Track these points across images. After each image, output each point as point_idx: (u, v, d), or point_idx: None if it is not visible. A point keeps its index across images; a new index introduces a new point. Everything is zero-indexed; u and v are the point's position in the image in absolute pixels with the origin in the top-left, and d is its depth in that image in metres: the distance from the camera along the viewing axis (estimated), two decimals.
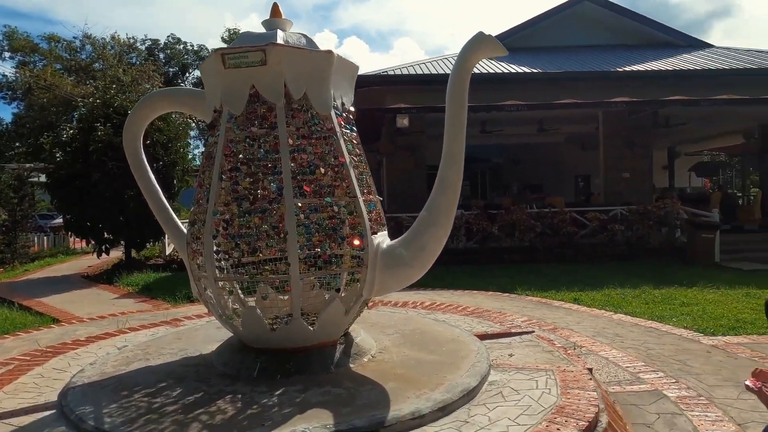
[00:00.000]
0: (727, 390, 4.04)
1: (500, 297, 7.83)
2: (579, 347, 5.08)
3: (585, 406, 3.27)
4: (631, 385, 4.22)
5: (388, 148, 14.40)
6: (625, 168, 14.24)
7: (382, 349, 4.34)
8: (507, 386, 3.68)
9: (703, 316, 6.48)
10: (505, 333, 5.20)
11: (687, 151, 22.93)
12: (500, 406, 3.35)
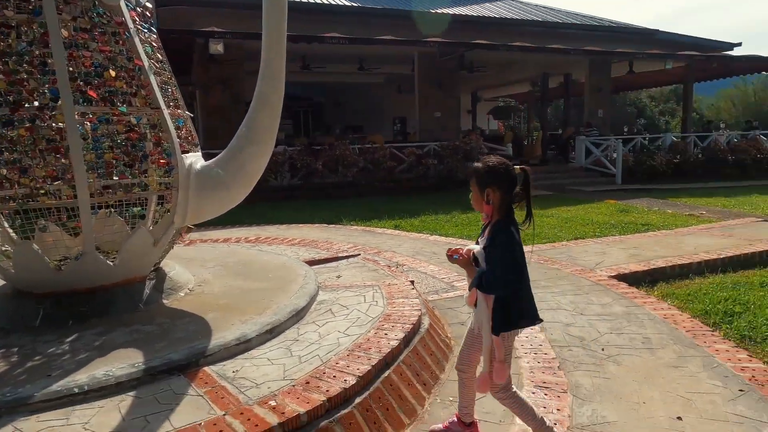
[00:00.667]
0: None
1: (327, 228, 7.85)
2: (401, 265, 5.34)
3: (409, 312, 3.41)
4: (447, 293, 4.58)
5: (201, 79, 13.06)
6: (436, 108, 15.24)
7: (201, 282, 3.96)
8: (336, 303, 3.66)
9: None
10: (333, 258, 5.20)
11: (486, 96, 25.63)
12: (330, 322, 3.31)
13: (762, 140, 16.07)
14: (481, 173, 2.18)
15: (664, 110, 51.30)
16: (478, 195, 2.21)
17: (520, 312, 2.20)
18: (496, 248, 2.12)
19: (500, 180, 2.15)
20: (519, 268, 2.13)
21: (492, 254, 2.14)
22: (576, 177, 14.34)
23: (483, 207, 2.20)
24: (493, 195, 2.16)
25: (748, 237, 6.47)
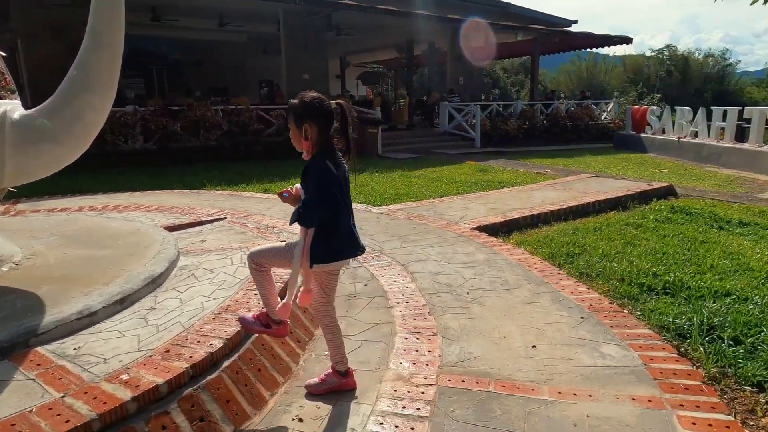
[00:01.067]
0: (394, 243, 4.74)
1: (188, 194, 7.26)
2: (272, 227, 5.12)
3: (280, 270, 3.26)
4: None
5: (23, 25, 11.07)
6: (304, 70, 14.78)
7: (31, 255, 3.39)
8: (200, 267, 3.38)
9: (372, 193, 7.47)
10: (196, 222, 4.82)
11: (355, 62, 25.55)
12: (194, 287, 3.05)
13: (593, 108, 18.29)
14: (298, 109, 2.15)
15: (515, 81, 55.88)
16: (296, 131, 2.18)
17: (338, 246, 2.20)
18: (310, 182, 2.12)
19: (316, 115, 2.13)
20: (333, 201, 2.12)
21: (307, 188, 2.14)
22: (440, 140, 15.04)
23: (301, 142, 2.17)
24: (311, 130, 2.13)
25: (583, 190, 7.33)
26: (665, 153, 13.23)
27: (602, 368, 2.54)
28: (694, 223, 5.77)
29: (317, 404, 2.28)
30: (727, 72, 49.62)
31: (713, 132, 12.10)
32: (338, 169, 2.17)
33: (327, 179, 2.11)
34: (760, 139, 10.80)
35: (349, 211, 2.26)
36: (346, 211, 2.22)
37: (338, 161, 2.21)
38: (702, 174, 10.21)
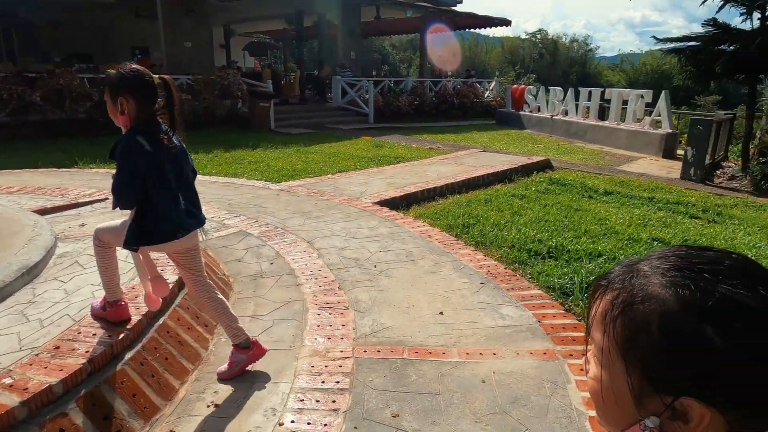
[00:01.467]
0: (296, 219, 4.66)
1: (57, 173, 6.47)
2: None
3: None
4: (218, 232, 4.29)
5: None
6: (186, 38, 13.72)
7: None
8: (84, 254, 3.06)
9: (269, 169, 7.24)
10: (71, 204, 4.33)
11: (241, 31, 24.20)
12: (79, 276, 2.76)
13: (477, 87, 19.27)
14: (113, 81, 2.01)
15: (403, 58, 56.99)
16: (111, 105, 2.03)
17: (154, 227, 2.08)
18: (117, 161, 2.01)
19: (135, 89, 2.00)
20: (135, 180, 1.99)
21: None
22: (334, 116, 14.92)
23: (118, 118, 2.03)
24: (128, 104, 1.99)
25: (473, 164, 7.76)
26: (541, 129, 14.40)
27: (503, 328, 2.75)
28: (569, 193, 6.40)
29: (232, 387, 2.21)
30: (589, 56, 54.97)
31: (580, 111, 13.38)
32: (157, 147, 2.02)
33: (131, 158, 1.98)
34: (617, 118, 12.17)
35: (178, 189, 2.12)
36: (168, 191, 2.08)
37: (160, 138, 2.04)
38: (572, 149, 11.29)
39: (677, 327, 0.48)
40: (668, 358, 0.49)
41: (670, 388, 0.49)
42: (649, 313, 0.50)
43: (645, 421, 0.51)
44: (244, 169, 7.30)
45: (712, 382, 0.47)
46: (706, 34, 7.71)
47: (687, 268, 0.51)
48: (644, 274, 0.53)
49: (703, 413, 0.48)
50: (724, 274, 0.49)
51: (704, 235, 4.91)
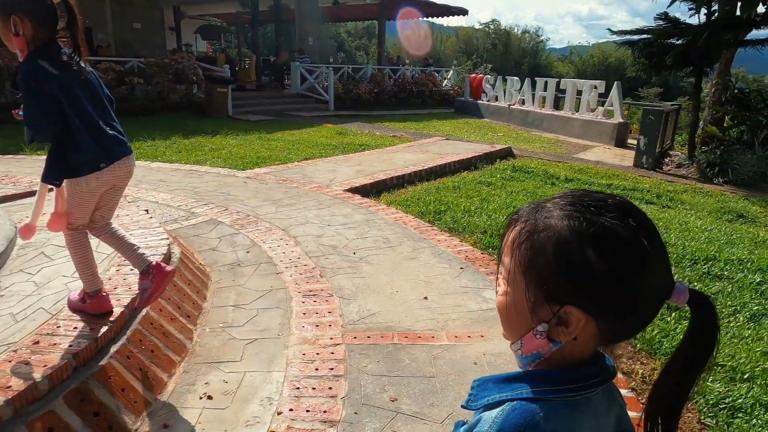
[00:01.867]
0: (268, 207, 4.56)
1: (2, 159, 6.05)
2: (124, 196, 4.54)
3: (155, 243, 2.95)
4: (187, 220, 4.14)
5: None
6: (135, 18, 13.08)
7: None
8: (50, 244, 2.89)
9: (232, 157, 7.04)
10: (27, 193, 4.07)
11: (191, 13, 23.24)
12: (48, 267, 2.60)
13: (435, 76, 19.40)
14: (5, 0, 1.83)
15: (359, 46, 56.54)
16: (2, 25, 1.85)
17: (76, 160, 1.93)
18: (21, 90, 1.84)
19: (29, 7, 1.83)
20: (48, 105, 1.84)
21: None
22: (293, 103, 14.64)
23: (11, 40, 1.85)
24: (22, 25, 1.83)
25: (438, 152, 7.83)
26: (498, 118, 14.68)
27: (486, 311, 2.81)
28: (532, 180, 6.57)
29: (224, 379, 2.15)
30: (540, 48, 56.35)
31: (536, 100, 13.73)
32: (64, 71, 1.87)
33: (37, 83, 1.82)
34: (572, 108, 12.57)
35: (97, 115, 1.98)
36: (86, 116, 1.92)
37: (64, 62, 1.88)
38: (530, 137, 11.58)
39: (566, 249, 0.61)
40: (557, 275, 0.62)
41: (557, 299, 0.62)
42: (546, 240, 0.62)
43: (537, 328, 0.64)
44: (206, 156, 7.07)
45: (588, 293, 0.61)
46: (657, 28, 8.05)
47: (579, 203, 0.63)
48: (547, 209, 0.65)
49: (580, 318, 0.62)
50: (606, 209, 0.62)
51: (661, 219, 5.16)
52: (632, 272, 0.60)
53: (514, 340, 0.68)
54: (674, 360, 0.65)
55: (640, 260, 0.60)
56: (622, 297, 0.60)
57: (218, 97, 11.24)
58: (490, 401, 0.64)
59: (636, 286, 0.60)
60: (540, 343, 0.64)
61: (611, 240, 0.60)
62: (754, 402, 2.28)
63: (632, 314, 0.62)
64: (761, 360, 2.60)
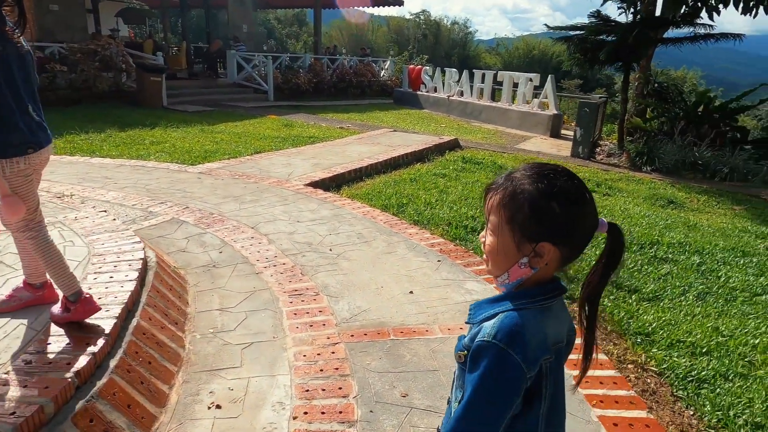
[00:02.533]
0: (230, 204, 4.42)
1: None
2: (70, 195, 4.23)
3: (130, 246, 2.81)
4: (147, 220, 3.93)
5: None
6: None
7: None
8: (7, 252, 2.67)
9: (177, 151, 6.71)
10: None
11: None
12: (13, 278, 2.40)
13: (373, 66, 19.40)
14: None
15: (290, 33, 55.28)
16: None
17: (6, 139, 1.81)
18: None
19: None
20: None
21: None
22: (230, 93, 14.11)
23: None
24: None
25: (389, 144, 7.89)
26: (438, 109, 14.97)
27: (472, 302, 2.90)
28: (483, 171, 6.79)
29: (228, 386, 2.09)
30: (468, 39, 57.73)
31: (475, 92, 14.12)
32: (4, 44, 1.76)
33: None
34: (509, 99, 13.06)
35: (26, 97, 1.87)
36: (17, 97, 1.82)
37: (6, 34, 1.78)
38: (471, 128, 11.92)
39: (537, 204, 0.88)
40: (533, 222, 0.89)
41: (534, 239, 0.89)
42: (523, 199, 0.89)
43: (521, 260, 0.91)
44: (148, 150, 6.70)
45: (554, 231, 0.88)
46: (590, 25, 8.53)
47: (540, 173, 0.90)
48: (518, 179, 0.91)
49: (550, 249, 0.89)
50: (559, 174, 0.90)
51: (605, 207, 5.52)
52: (580, 214, 0.89)
53: (500, 273, 0.95)
54: (597, 264, 0.95)
55: (583, 206, 0.89)
56: (574, 231, 0.89)
57: (152, 87, 10.62)
58: (487, 315, 0.92)
59: (582, 222, 0.90)
60: (524, 271, 0.92)
61: (566, 195, 0.88)
62: (715, 373, 2.54)
63: (580, 241, 0.91)
64: (713, 335, 2.89)
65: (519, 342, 0.86)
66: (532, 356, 0.87)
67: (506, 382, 0.86)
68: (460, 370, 0.97)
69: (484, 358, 0.87)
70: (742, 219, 5.74)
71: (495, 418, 0.88)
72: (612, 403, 2.09)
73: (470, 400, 0.88)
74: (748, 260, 4.11)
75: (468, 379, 0.89)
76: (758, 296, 3.47)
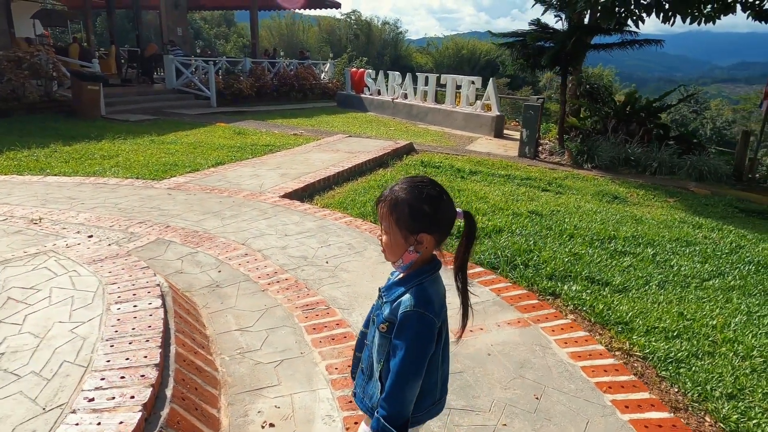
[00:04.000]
0: (212, 221, 4.38)
1: None
2: (40, 219, 4.03)
3: (142, 274, 2.81)
4: (131, 242, 3.83)
5: None
6: None
7: None
8: (11, 288, 2.57)
9: (133, 165, 6.49)
10: None
11: None
12: (32, 314, 2.36)
13: (314, 69, 19.34)
14: None
15: (218, 34, 53.59)
16: None
17: None
18: None
19: None
20: None
21: None
22: (170, 100, 13.61)
23: None
24: None
25: (348, 150, 8.01)
26: (383, 112, 15.22)
27: (474, 305, 3.11)
28: (443, 175, 7.08)
29: (274, 404, 2.17)
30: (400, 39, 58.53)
31: (419, 94, 14.50)
32: None
33: None
34: (452, 101, 13.53)
35: None
36: None
37: None
38: (419, 131, 12.25)
39: (413, 208, 1.25)
40: (412, 221, 1.25)
41: (415, 232, 1.26)
42: (403, 205, 1.25)
43: (409, 249, 1.28)
44: (102, 165, 6.42)
45: (428, 224, 1.25)
46: (531, 32, 9.08)
47: (412, 184, 1.27)
48: (397, 190, 1.28)
49: (427, 237, 1.26)
50: (425, 184, 1.27)
51: (561, 204, 5.96)
52: (443, 209, 1.26)
53: (396, 260, 1.32)
54: (461, 242, 1.34)
55: (444, 204, 1.27)
56: (441, 221, 1.27)
57: (89, 96, 10.08)
58: (399, 293, 1.29)
59: (445, 215, 1.27)
60: (412, 255, 1.29)
61: (432, 199, 1.25)
62: (688, 353, 2.90)
63: (446, 228, 1.29)
64: (680, 320, 3.28)
65: (429, 304, 1.25)
66: (438, 311, 1.28)
67: (428, 333, 1.25)
68: (382, 339, 1.31)
69: (410, 321, 1.23)
70: (678, 210, 6.39)
71: (424, 357, 1.26)
72: (619, 388, 2.38)
73: (407, 351, 1.23)
74: (692, 249, 4.63)
75: (399, 340, 1.24)
76: (707, 281, 3.94)
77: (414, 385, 1.26)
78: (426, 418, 1.41)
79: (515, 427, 2.11)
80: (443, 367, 1.42)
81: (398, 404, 1.24)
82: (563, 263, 3.93)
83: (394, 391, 1.24)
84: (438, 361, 1.37)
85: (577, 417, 2.17)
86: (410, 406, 1.27)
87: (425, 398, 1.36)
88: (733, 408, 2.40)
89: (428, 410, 1.40)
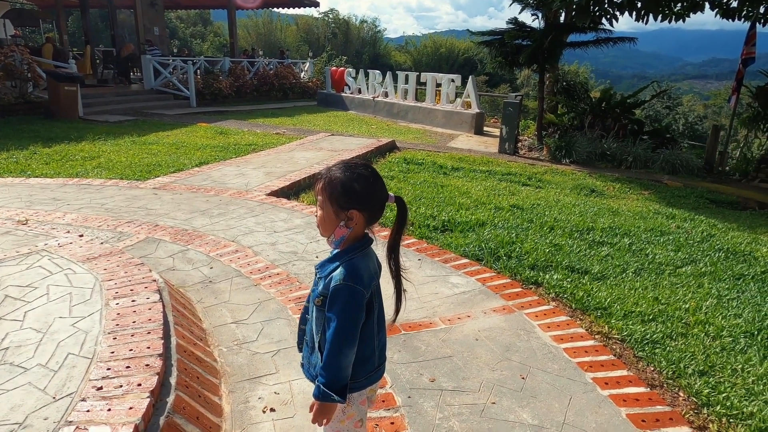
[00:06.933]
0: (200, 219, 4.43)
1: None
2: (26, 220, 4.03)
3: (137, 271, 2.86)
4: (121, 241, 3.87)
5: None
6: None
7: None
8: (8, 286, 2.61)
9: (116, 166, 6.46)
10: None
11: None
12: (32, 311, 2.42)
13: (293, 68, 19.31)
14: None
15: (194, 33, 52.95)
16: None
17: None
18: None
19: None
20: None
21: None
22: (149, 100, 13.48)
23: None
24: None
25: (332, 149, 8.09)
26: (364, 110, 15.30)
27: (460, 294, 3.25)
28: (426, 172, 7.21)
29: (274, 391, 2.26)
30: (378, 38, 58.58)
31: (399, 93, 14.62)
32: None
33: None
34: (433, 99, 13.68)
35: None
36: None
37: None
38: (400, 129, 12.37)
39: (346, 186, 1.35)
40: (344, 198, 1.35)
41: (346, 208, 1.36)
42: (337, 183, 1.35)
43: (340, 224, 1.37)
44: (84, 166, 6.39)
45: (358, 201, 1.35)
46: (508, 31, 9.27)
47: (347, 165, 1.38)
48: (333, 170, 1.38)
49: (356, 214, 1.36)
50: (358, 165, 1.39)
51: (541, 198, 6.14)
52: (373, 190, 1.36)
53: (329, 235, 1.40)
54: (394, 226, 1.45)
55: (374, 185, 1.37)
56: (371, 200, 1.36)
57: (66, 97, 9.94)
58: (331, 269, 1.37)
59: (376, 195, 1.37)
60: (343, 230, 1.37)
61: (364, 178, 1.35)
62: (663, 335, 3.07)
63: (377, 208, 1.39)
64: (655, 304, 3.45)
65: (358, 277, 1.34)
66: (367, 284, 1.37)
67: (357, 304, 1.35)
68: (318, 312, 1.41)
69: (341, 293, 1.33)
70: (652, 202, 6.64)
71: (356, 326, 1.35)
72: (599, 367, 2.53)
73: (339, 321, 1.32)
74: (666, 238, 4.84)
75: (332, 312, 1.34)
76: (680, 268, 4.14)
77: (348, 353, 1.36)
78: (367, 384, 1.51)
79: (503, 404, 2.23)
80: (380, 335, 1.53)
81: (335, 371, 1.35)
82: (544, 254, 4.09)
83: (330, 360, 1.34)
84: (373, 330, 1.47)
85: (561, 394, 2.31)
86: (347, 372, 1.37)
87: (365, 365, 1.47)
88: (705, 383, 2.56)
89: (368, 377, 1.50)
